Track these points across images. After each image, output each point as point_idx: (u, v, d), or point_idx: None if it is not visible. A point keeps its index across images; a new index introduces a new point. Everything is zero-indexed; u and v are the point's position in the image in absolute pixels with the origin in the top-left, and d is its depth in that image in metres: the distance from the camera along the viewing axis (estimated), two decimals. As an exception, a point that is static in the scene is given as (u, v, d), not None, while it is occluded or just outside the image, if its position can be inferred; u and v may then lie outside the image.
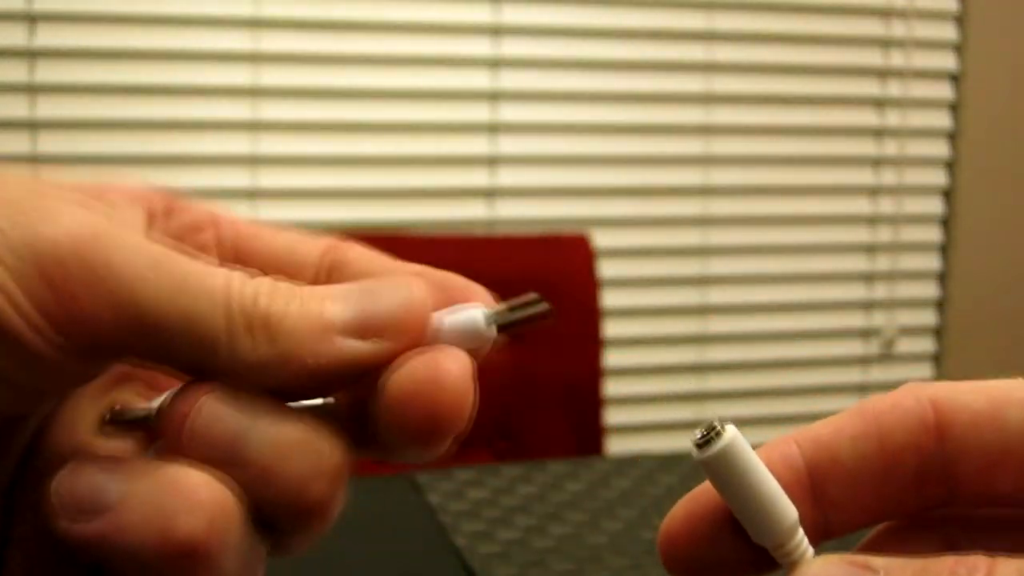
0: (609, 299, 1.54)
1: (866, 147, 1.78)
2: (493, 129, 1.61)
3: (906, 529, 0.25)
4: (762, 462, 0.22)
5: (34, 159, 1.45)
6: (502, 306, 0.25)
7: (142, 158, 1.49)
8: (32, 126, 1.45)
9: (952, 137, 1.81)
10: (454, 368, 0.23)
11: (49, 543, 0.23)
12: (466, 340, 0.24)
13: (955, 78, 1.80)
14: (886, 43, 1.76)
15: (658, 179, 1.69)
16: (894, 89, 1.77)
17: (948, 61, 1.79)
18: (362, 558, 0.68)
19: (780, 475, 0.23)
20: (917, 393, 0.24)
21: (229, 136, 1.52)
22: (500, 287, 0.27)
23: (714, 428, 0.22)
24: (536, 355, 1.26)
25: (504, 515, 0.74)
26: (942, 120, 1.81)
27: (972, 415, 0.23)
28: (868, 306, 1.81)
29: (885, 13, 1.75)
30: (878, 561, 0.21)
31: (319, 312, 0.23)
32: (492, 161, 1.62)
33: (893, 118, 1.78)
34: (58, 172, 0.28)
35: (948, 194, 1.82)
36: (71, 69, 1.46)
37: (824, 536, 0.24)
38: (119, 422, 0.26)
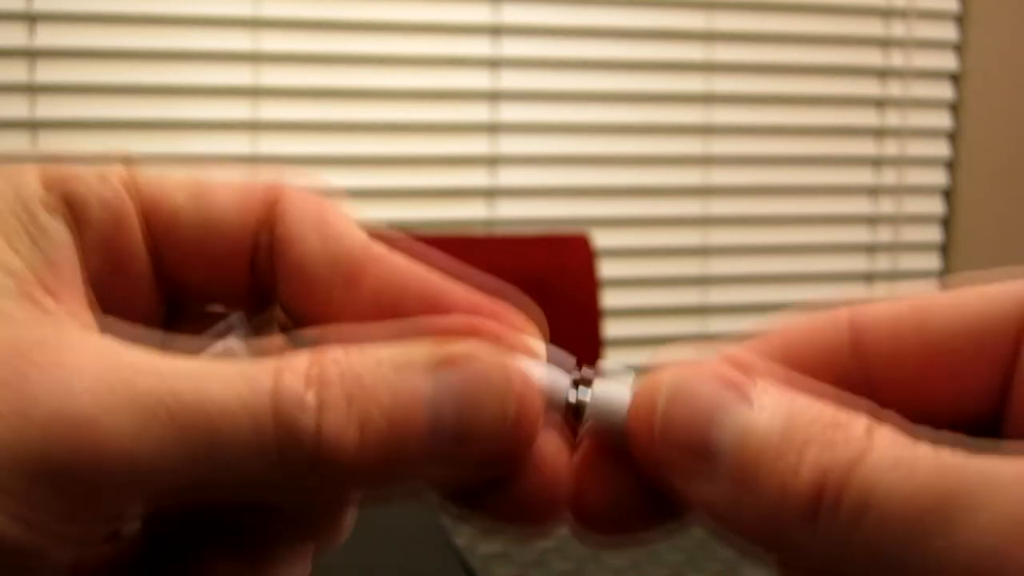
0: (609, 299, 1.54)
1: (866, 147, 1.78)
2: (493, 129, 1.61)
3: None
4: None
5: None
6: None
7: (142, 158, 1.48)
8: (32, 126, 1.45)
9: (952, 137, 1.81)
10: (562, 462, 0.22)
11: None
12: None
13: (955, 78, 1.80)
14: (886, 43, 1.76)
15: (658, 179, 1.69)
16: (894, 89, 1.77)
17: (948, 61, 1.79)
18: (362, 558, 0.68)
19: None
20: (835, 312, 0.23)
21: (229, 136, 1.52)
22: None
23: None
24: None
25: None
26: (942, 120, 1.81)
27: (893, 325, 0.22)
28: (868, 306, 1.81)
29: (885, 13, 1.76)
30: (756, 388, 0.20)
31: (402, 429, 0.20)
32: (492, 161, 1.62)
33: (893, 118, 1.78)
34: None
35: (948, 194, 1.82)
36: (71, 69, 1.46)
37: None
38: None
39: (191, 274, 0.24)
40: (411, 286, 0.23)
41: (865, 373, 0.22)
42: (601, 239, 1.52)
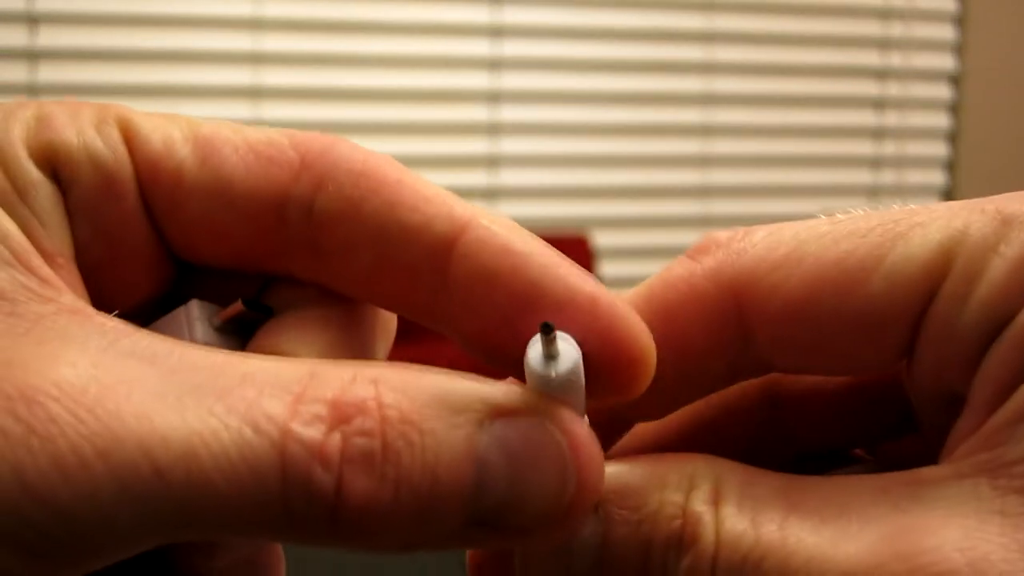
0: (609, 299, 1.54)
1: (865, 148, 1.78)
2: (493, 129, 1.61)
3: (729, 393, 0.23)
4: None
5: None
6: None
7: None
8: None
9: (951, 138, 1.82)
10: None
11: None
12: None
13: (954, 79, 1.80)
14: (885, 44, 1.77)
15: (658, 179, 1.69)
16: (893, 89, 1.77)
17: (947, 62, 1.80)
18: (361, 558, 0.68)
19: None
20: (717, 277, 0.20)
21: (230, 136, 1.52)
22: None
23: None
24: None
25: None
26: (941, 120, 1.81)
27: (783, 304, 0.20)
28: (867, 306, 1.81)
29: (884, 14, 1.76)
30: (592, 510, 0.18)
31: (443, 491, 0.17)
32: (492, 161, 1.62)
33: (892, 119, 1.78)
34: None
35: (947, 195, 1.82)
36: (72, 70, 1.46)
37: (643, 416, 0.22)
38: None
39: (202, 249, 0.21)
40: (504, 267, 0.19)
41: (755, 346, 0.20)
42: (601, 239, 1.52)
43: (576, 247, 1.35)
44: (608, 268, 1.55)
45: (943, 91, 1.80)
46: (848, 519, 0.17)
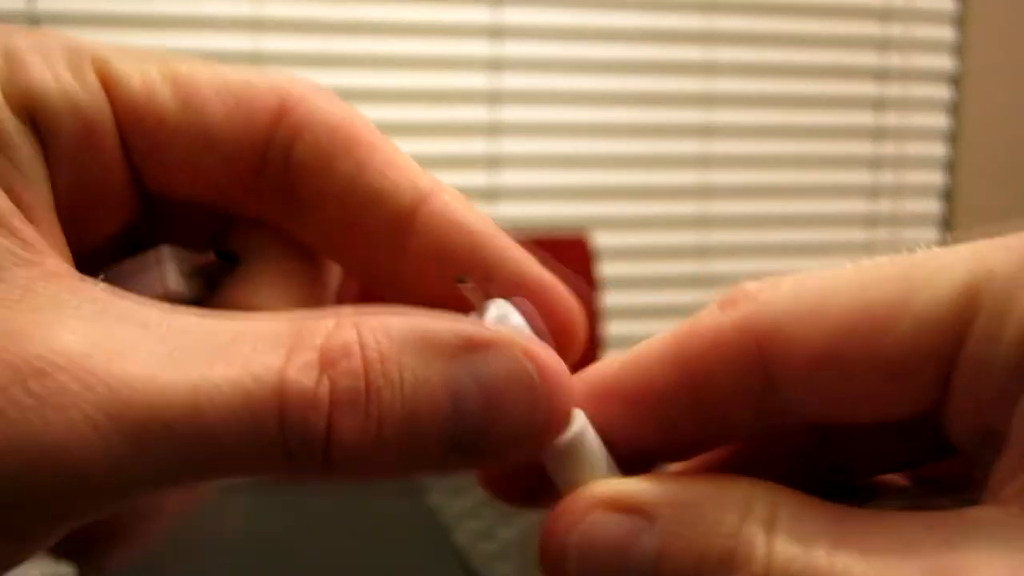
0: (609, 299, 1.54)
1: (864, 148, 1.78)
2: (493, 129, 1.61)
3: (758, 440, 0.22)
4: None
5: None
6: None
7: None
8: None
9: (950, 138, 1.82)
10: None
11: None
12: None
13: (953, 79, 1.80)
14: (884, 44, 1.77)
15: (658, 179, 1.69)
16: (892, 90, 1.78)
17: (946, 62, 1.80)
18: (362, 558, 0.68)
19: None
20: (740, 323, 0.20)
21: (229, 137, 1.52)
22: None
23: None
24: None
25: (504, 515, 0.75)
26: (940, 121, 1.81)
27: (809, 354, 0.19)
28: (867, 306, 1.81)
29: (883, 14, 1.76)
30: (650, 502, 0.19)
31: (423, 424, 0.18)
32: (492, 161, 1.62)
33: (891, 119, 1.78)
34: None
35: (947, 195, 1.82)
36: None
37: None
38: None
39: (177, 188, 0.21)
40: (462, 243, 0.20)
41: (773, 386, 0.20)
42: (601, 239, 1.52)
43: (576, 247, 1.35)
44: (608, 268, 1.55)
45: (943, 91, 1.80)
46: (895, 553, 0.18)
